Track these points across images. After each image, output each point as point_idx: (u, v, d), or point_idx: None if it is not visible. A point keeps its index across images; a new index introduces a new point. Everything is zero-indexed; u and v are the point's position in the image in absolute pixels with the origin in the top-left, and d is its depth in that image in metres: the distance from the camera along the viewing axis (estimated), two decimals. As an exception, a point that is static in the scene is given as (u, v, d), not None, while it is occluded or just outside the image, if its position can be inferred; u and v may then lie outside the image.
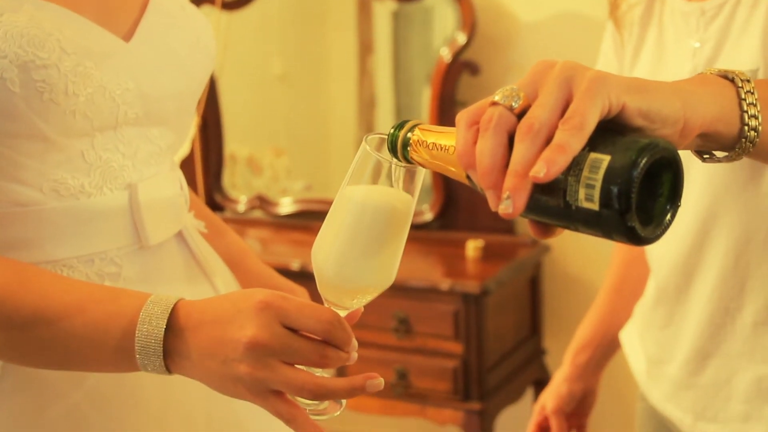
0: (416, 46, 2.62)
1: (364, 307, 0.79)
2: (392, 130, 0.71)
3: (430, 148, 0.68)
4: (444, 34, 2.45)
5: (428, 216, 2.39)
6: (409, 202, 0.74)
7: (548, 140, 0.58)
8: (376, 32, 2.61)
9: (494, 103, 0.61)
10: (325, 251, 0.75)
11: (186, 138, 1.02)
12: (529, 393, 2.34)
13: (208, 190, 2.68)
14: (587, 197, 0.58)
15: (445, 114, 2.31)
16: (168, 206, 0.95)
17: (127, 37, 0.90)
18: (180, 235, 0.98)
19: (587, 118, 0.57)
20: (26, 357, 0.81)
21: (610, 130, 0.59)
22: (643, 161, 0.57)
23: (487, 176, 0.60)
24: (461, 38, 2.30)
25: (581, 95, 0.58)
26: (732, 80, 0.67)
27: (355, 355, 0.76)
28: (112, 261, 0.89)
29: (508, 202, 0.58)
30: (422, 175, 0.74)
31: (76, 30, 0.84)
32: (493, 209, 0.60)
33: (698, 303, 1.07)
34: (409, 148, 0.70)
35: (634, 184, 0.56)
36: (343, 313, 0.77)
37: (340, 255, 0.74)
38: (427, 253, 2.32)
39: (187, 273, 0.98)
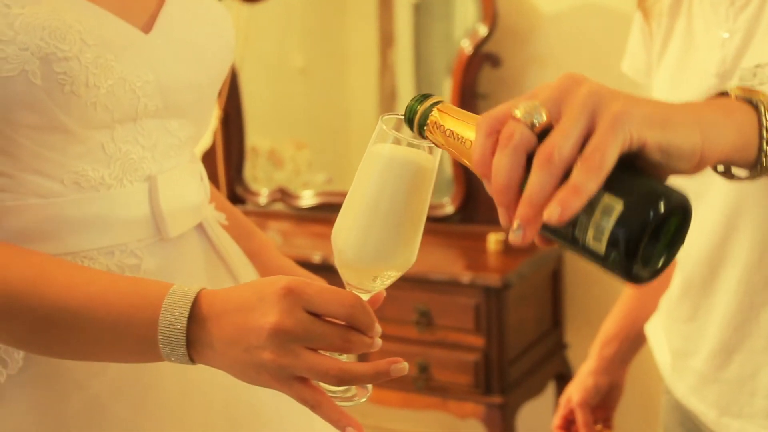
0: (437, 38, 2.61)
1: (386, 300, 0.79)
2: (412, 102, 0.70)
3: (447, 135, 0.68)
4: (465, 25, 2.44)
5: (449, 209, 2.39)
6: (433, 163, 0.74)
7: (566, 170, 0.58)
8: (396, 24, 2.60)
9: (515, 119, 0.61)
10: (349, 224, 0.74)
11: (206, 130, 1.02)
12: (551, 387, 2.33)
13: (230, 183, 2.69)
14: (595, 238, 0.59)
15: (465, 106, 2.28)
16: (188, 198, 0.95)
17: (147, 28, 0.90)
18: (200, 227, 0.98)
19: (607, 157, 0.58)
20: (49, 348, 0.81)
21: (626, 167, 0.59)
22: (655, 215, 0.58)
23: (502, 194, 0.60)
24: (482, 30, 2.28)
25: (604, 131, 0.58)
26: (756, 106, 0.67)
27: (379, 341, 0.75)
28: (132, 253, 0.89)
29: (519, 233, 0.59)
30: (440, 150, 0.73)
31: (96, 22, 0.84)
32: (502, 225, 0.61)
33: (723, 297, 1.06)
34: (425, 127, 0.69)
35: (643, 238, 0.58)
36: (365, 297, 0.77)
37: (364, 223, 0.73)
38: (448, 246, 2.32)
39: (207, 265, 0.98)
